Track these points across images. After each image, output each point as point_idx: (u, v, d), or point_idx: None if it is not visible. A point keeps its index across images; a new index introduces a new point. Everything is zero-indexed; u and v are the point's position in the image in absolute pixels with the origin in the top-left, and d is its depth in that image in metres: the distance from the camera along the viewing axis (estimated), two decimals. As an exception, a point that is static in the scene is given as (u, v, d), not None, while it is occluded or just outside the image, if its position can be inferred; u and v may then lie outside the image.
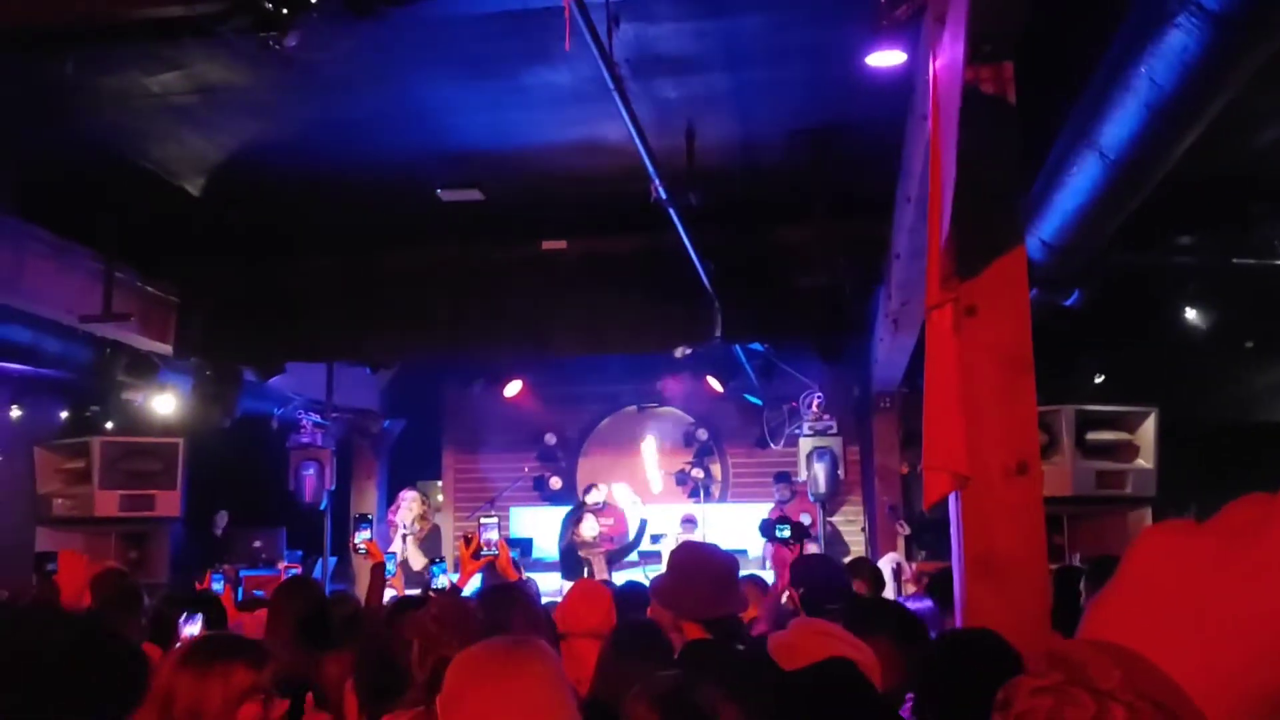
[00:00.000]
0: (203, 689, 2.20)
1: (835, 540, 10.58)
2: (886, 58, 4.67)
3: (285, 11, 3.65)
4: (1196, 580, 0.55)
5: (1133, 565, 0.57)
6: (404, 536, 8.08)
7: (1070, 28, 4.66)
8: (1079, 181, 5.05)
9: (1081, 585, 4.69)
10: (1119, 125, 4.39)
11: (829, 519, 10.43)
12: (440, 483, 13.37)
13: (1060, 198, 5.35)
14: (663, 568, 4.58)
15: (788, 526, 6.05)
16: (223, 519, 11.04)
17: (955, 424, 3.61)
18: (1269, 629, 0.52)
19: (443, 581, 5.83)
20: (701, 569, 3.41)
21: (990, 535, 3.75)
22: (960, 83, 3.37)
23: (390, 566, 7.90)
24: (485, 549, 5.71)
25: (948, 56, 3.70)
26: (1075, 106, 4.85)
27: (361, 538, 6.21)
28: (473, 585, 5.66)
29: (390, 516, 8.61)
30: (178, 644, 3.57)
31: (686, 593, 3.32)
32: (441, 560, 6.60)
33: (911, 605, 4.66)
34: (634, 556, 9.37)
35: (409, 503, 8.14)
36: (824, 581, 4.27)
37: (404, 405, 12.67)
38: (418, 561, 7.91)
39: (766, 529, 8.39)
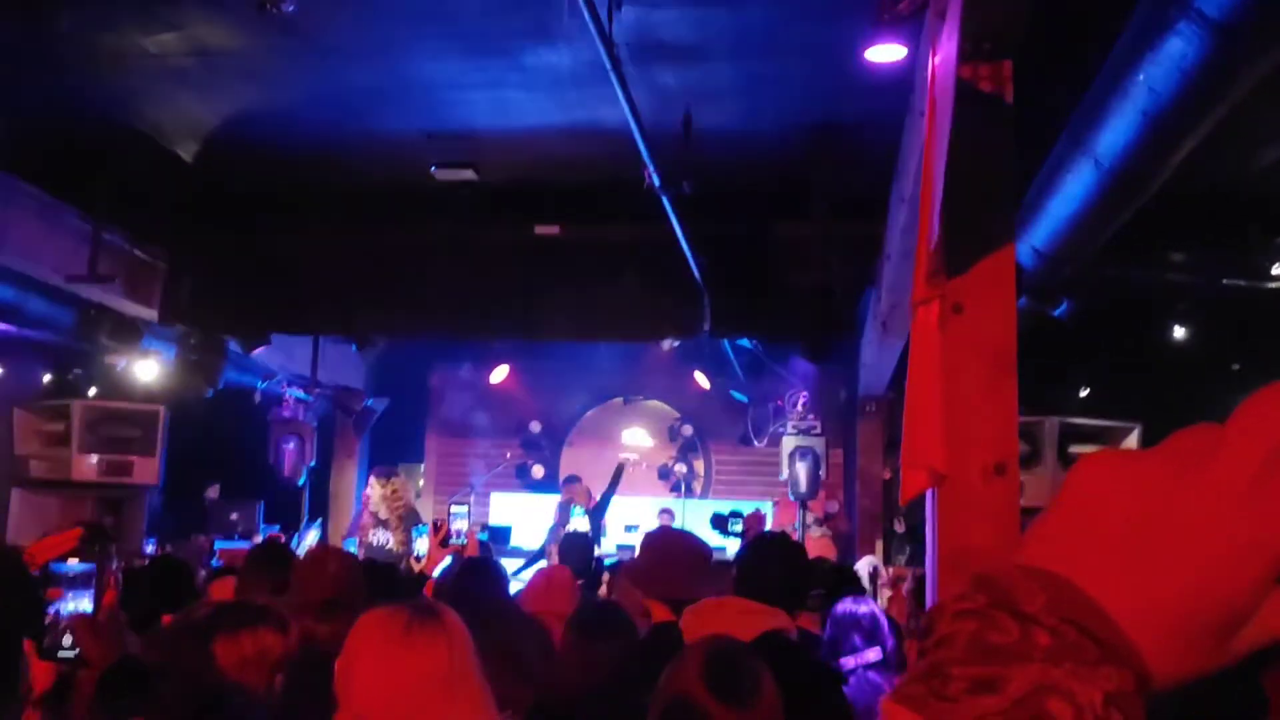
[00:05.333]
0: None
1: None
2: (886, 52, 4.66)
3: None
4: (1134, 505, 0.52)
5: (1070, 489, 0.55)
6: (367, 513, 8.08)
7: (1074, 31, 4.65)
8: (1073, 188, 5.04)
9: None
10: (1115, 133, 4.38)
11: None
12: (422, 465, 13.35)
13: (1053, 204, 5.33)
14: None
15: (740, 521, 6.06)
16: (214, 491, 10.98)
17: (935, 421, 3.59)
18: (1204, 558, 0.50)
19: (423, 546, 5.78)
20: (674, 552, 3.41)
21: (966, 534, 3.73)
22: (955, 78, 3.35)
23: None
24: (454, 537, 5.69)
25: (946, 52, 3.68)
26: (1073, 112, 4.83)
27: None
28: (438, 573, 5.65)
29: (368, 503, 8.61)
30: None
31: (657, 574, 3.32)
32: (424, 525, 6.57)
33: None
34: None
35: (370, 488, 8.16)
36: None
37: (389, 385, 12.63)
38: (379, 538, 7.91)
39: (719, 523, 8.39)
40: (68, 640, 2.13)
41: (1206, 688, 0.54)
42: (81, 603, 2.18)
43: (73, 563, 2.13)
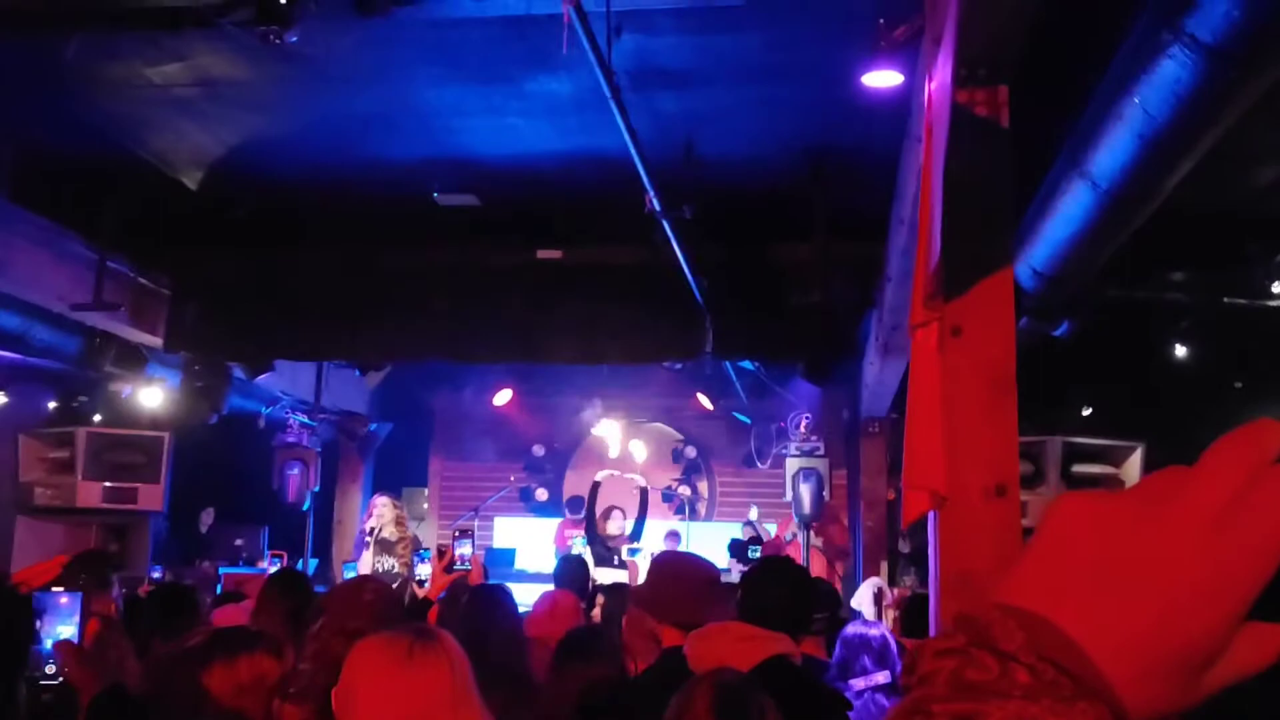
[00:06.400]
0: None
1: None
2: (883, 78, 4.70)
3: (285, 1, 3.65)
4: (1107, 544, 0.54)
5: (1046, 530, 0.57)
6: (370, 542, 8.06)
7: (1071, 55, 4.68)
8: (1070, 210, 5.07)
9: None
10: (1111, 155, 4.41)
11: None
12: (426, 490, 13.35)
13: (1051, 226, 5.36)
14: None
15: (759, 548, 6.07)
16: (208, 516, 11.01)
17: (936, 443, 3.60)
18: (1173, 597, 0.52)
19: (424, 571, 5.78)
20: (681, 575, 3.38)
21: (967, 556, 3.75)
22: (951, 103, 3.39)
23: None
24: (458, 563, 5.69)
25: (943, 78, 3.72)
26: (1069, 134, 4.87)
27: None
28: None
29: (363, 524, 8.60)
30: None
31: (664, 597, 3.32)
32: (426, 549, 6.58)
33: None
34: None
35: (380, 508, 8.12)
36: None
37: (392, 410, 12.65)
38: (385, 564, 7.90)
39: (738, 550, 8.36)
40: (50, 669, 2.15)
41: None
42: (66, 630, 2.20)
43: (58, 590, 2.16)
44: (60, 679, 2.07)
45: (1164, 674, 0.52)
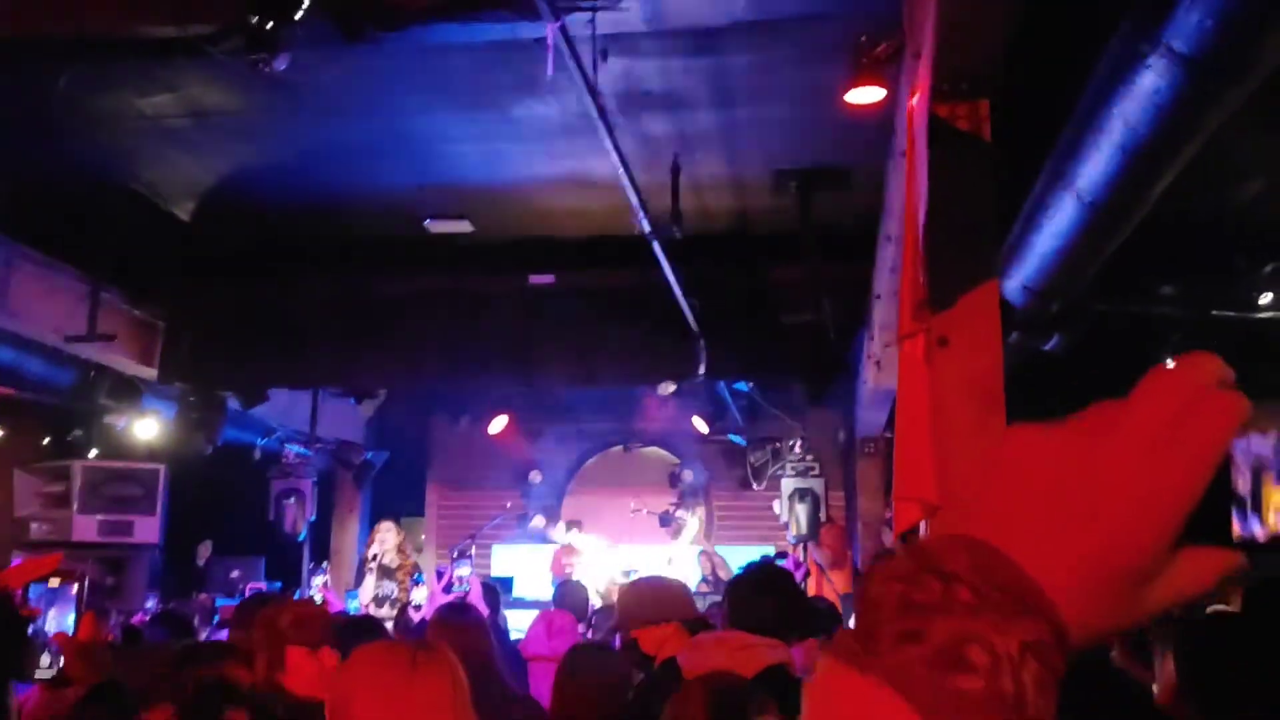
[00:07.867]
0: None
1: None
2: (866, 94, 4.74)
3: (271, 25, 3.70)
4: (1049, 472, 0.57)
5: (993, 462, 0.59)
6: (372, 568, 8.03)
7: (1052, 68, 4.73)
8: (1057, 224, 5.10)
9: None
10: (1094, 167, 4.45)
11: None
12: (424, 519, 13.31)
13: (1039, 240, 5.39)
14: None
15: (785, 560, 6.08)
16: (206, 549, 10.97)
17: (925, 453, 3.62)
18: (1109, 517, 0.55)
19: (420, 595, 5.82)
20: (638, 588, 3.65)
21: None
22: (932, 117, 3.43)
23: (355, 604, 7.87)
24: (457, 584, 5.73)
25: (924, 92, 3.76)
26: (1053, 148, 4.91)
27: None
28: None
29: (364, 550, 8.58)
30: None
31: (633, 611, 3.49)
32: (420, 574, 6.60)
33: None
34: None
35: (383, 533, 8.10)
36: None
37: (388, 438, 12.63)
38: (385, 589, 7.89)
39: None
40: (45, 660, 2.16)
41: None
42: (62, 622, 2.20)
43: (54, 583, 2.17)
44: (54, 672, 2.08)
45: (1104, 593, 0.55)
